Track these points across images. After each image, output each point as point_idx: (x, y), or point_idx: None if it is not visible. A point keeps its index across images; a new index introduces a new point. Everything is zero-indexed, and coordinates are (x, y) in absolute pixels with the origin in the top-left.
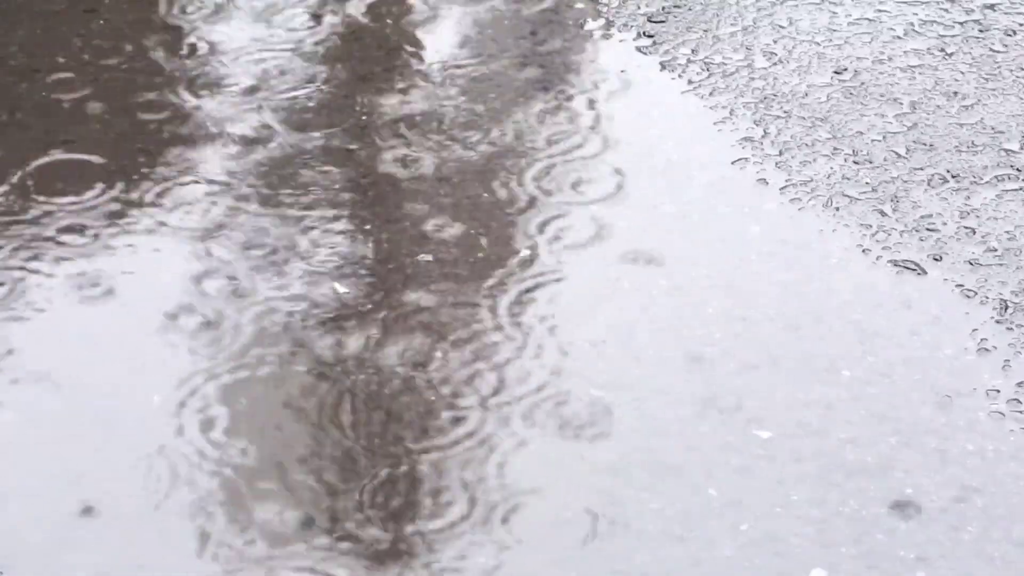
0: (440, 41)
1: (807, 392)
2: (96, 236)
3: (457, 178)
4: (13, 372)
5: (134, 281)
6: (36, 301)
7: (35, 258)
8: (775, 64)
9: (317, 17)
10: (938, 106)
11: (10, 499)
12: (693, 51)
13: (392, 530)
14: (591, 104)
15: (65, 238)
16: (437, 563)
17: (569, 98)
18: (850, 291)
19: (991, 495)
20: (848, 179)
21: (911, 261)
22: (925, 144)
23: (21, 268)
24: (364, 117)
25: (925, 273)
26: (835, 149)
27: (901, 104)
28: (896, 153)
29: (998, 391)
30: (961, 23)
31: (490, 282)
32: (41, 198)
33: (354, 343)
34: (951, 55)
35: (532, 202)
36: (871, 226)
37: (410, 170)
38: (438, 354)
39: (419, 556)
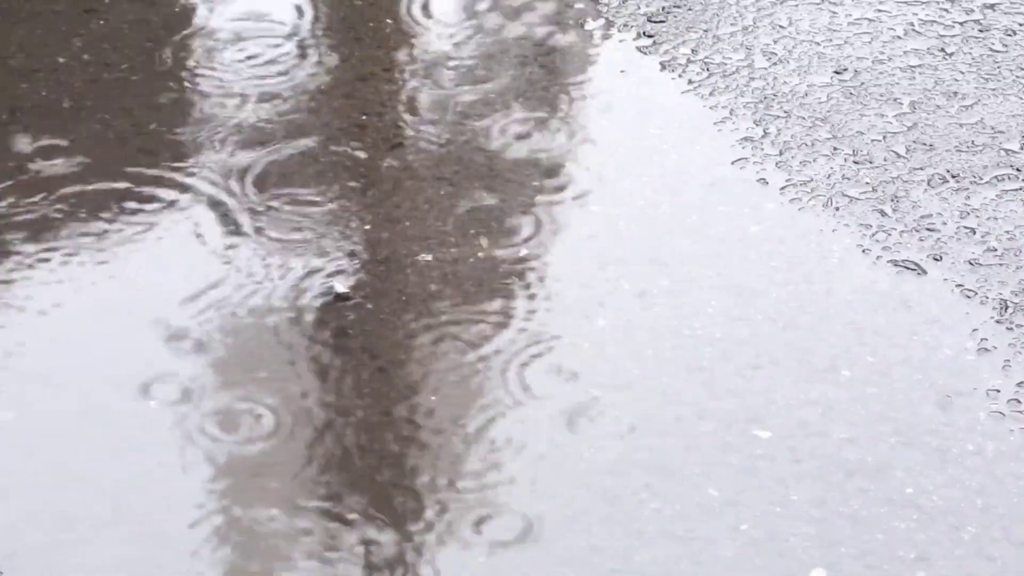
0: (440, 41)
1: (807, 392)
2: (95, 237)
3: (457, 178)
4: (13, 371)
5: (133, 283)
6: (37, 299)
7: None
8: (775, 64)
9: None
10: (938, 106)
11: (10, 498)
12: (693, 51)
13: (388, 531)
14: (591, 104)
15: (65, 238)
16: (433, 563)
17: (569, 98)
18: (850, 291)
19: (991, 495)
20: (848, 179)
21: (911, 261)
22: (925, 144)
23: (22, 263)
24: (363, 117)
25: (925, 273)
26: (835, 149)
27: (901, 104)
28: (896, 153)
29: (998, 391)
30: (961, 23)
31: (488, 282)
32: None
33: (354, 342)
34: (951, 55)
35: (532, 202)
36: (871, 226)
37: (410, 170)
38: (435, 358)
39: (413, 555)
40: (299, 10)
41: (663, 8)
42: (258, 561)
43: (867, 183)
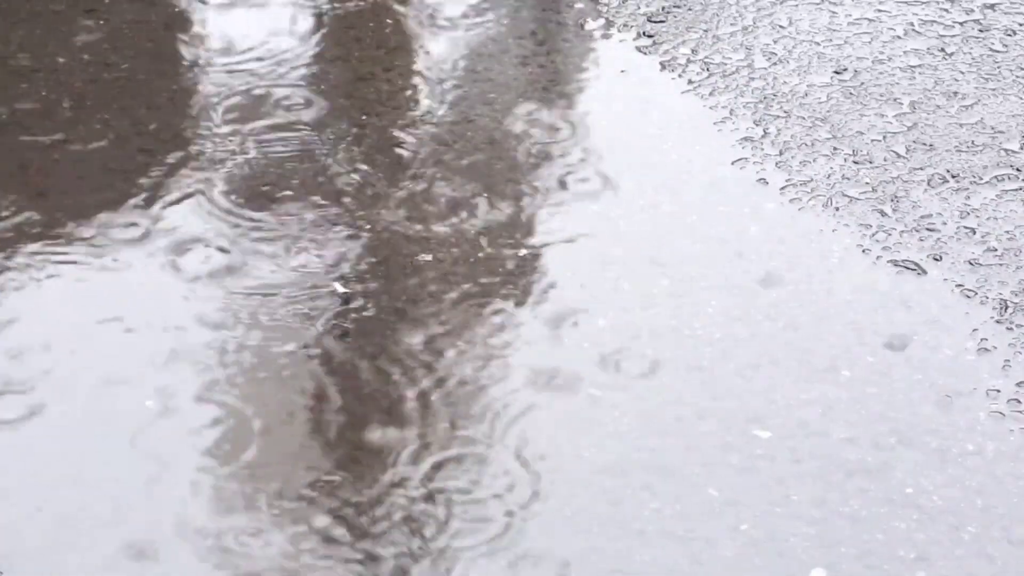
0: (440, 41)
1: (807, 392)
2: (94, 237)
3: (457, 177)
4: (14, 371)
5: (132, 284)
6: (38, 300)
7: (35, 261)
8: (775, 64)
9: (319, 16)
10: (938, 106)
11: (10, 498)
12: (693, 51)
13: (387, 531)
14: (591, 104)
15: (65, 239)
16: (433, 558)
17: (569, 98)
18: (850, 291)
19: (991, 495)
20: (848, 179)
21: (911, 261)
22: (925, 144)
23: (24, 266)
24: (364, 117)
25: (925, 273)
26: (835, 149)
27: (901, 104)
28: (896, 153)
29: (998, 391)
30: (961, 23)
31: (489, 282)
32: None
33: (354, 343)
34: (951, 55)
35: (532, 202)
36: (871, 226)
37: (410, 169)
38: (435, 358)
39: (412, 557)
40: (299, 11)
41: (663, 8)
42: (257, 561)
43: (867, 183)
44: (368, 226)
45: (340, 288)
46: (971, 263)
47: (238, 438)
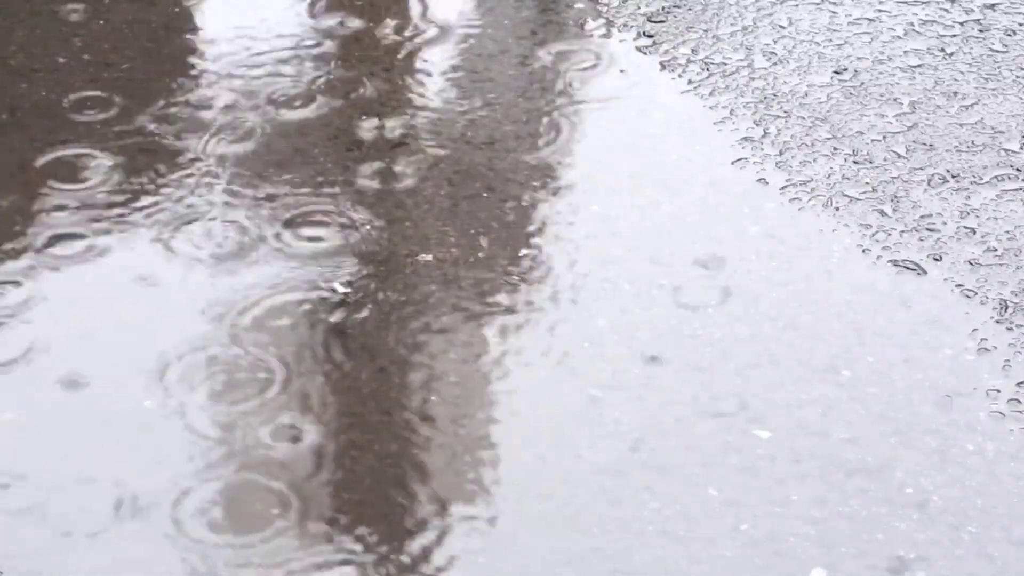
0: (440, 41)
1: (807, 392)
2: (95, 238)
3: (457, 178)
4: (15, 371)
5: (134, 283)
6: (38, 300)
7: (35, 263)
8: (775, 64)
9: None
10: (938, 106)
11: (10, 498)
12: (693, 51)
13: (387, 532)
14: (591, 104)
15: (64, 241)
16: (433, 558)
17: (569, 98)
18: (850, 291)
19: (991, 495)
20: (848, 179)
21: (911, 261)
22: (925, 144)
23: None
24: (363, 117)
25: (925, 273)
26: (835, 149)
27: (901, 104)
28: (896, 153)
29: (998, 391)
30: (961, 23)
31: (489, 282)
32: (42, 198)
33: (354, 343)
34: (951, 55)
35: (532, 202)
36: (871, 226)
37: (410, 170)
38: (435, 358)
39: (411, 554)
40: (299, 11)
41: (663, 8)
42: (257, 561)
43: (867, 183)
44: (368, 226)
45: (340, 287)
46: (971, 263)
47: (237, 437)
